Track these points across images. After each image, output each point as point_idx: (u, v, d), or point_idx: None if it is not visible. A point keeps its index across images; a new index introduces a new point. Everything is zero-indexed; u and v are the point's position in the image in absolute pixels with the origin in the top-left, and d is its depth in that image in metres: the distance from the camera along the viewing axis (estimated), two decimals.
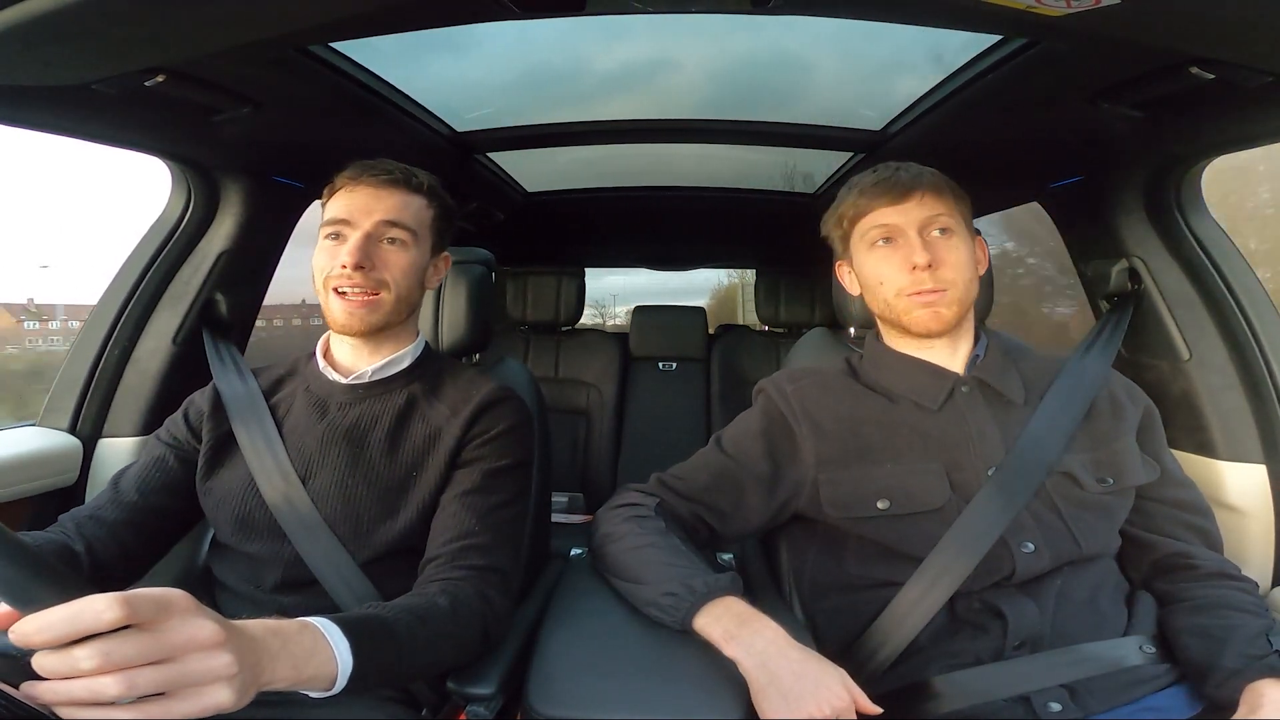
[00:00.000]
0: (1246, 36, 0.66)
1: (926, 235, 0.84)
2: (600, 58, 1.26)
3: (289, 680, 0.52)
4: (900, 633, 0.77)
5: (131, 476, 0.87)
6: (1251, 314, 1.05)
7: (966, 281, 0.85)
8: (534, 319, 2.36)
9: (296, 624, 0.56)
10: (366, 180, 0.87)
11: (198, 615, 0.45)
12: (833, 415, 0.88)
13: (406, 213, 0.87)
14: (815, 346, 1.22)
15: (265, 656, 0.50)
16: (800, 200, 1.94)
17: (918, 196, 0.84)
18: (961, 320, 0.87)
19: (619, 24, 1.13)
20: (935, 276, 0.83)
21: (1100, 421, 0.85)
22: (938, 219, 0.84)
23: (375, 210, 0.85)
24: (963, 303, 0.85)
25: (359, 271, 0.82)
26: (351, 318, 0.84)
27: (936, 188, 0.85)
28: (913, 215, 0.84)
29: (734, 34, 1.20)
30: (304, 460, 0.86)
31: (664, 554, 0.79)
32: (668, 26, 1.17)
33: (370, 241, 0.84)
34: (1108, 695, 0.72)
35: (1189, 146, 1.00)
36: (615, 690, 0.67)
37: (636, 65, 1.31)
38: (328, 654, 0.56)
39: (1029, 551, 0.77)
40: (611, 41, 1.21)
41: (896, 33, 0.93)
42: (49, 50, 0.69)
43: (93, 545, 0.78)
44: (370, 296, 0.84)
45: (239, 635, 0.48)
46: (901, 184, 0.84)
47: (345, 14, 0.72)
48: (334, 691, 0.57)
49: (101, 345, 1.18)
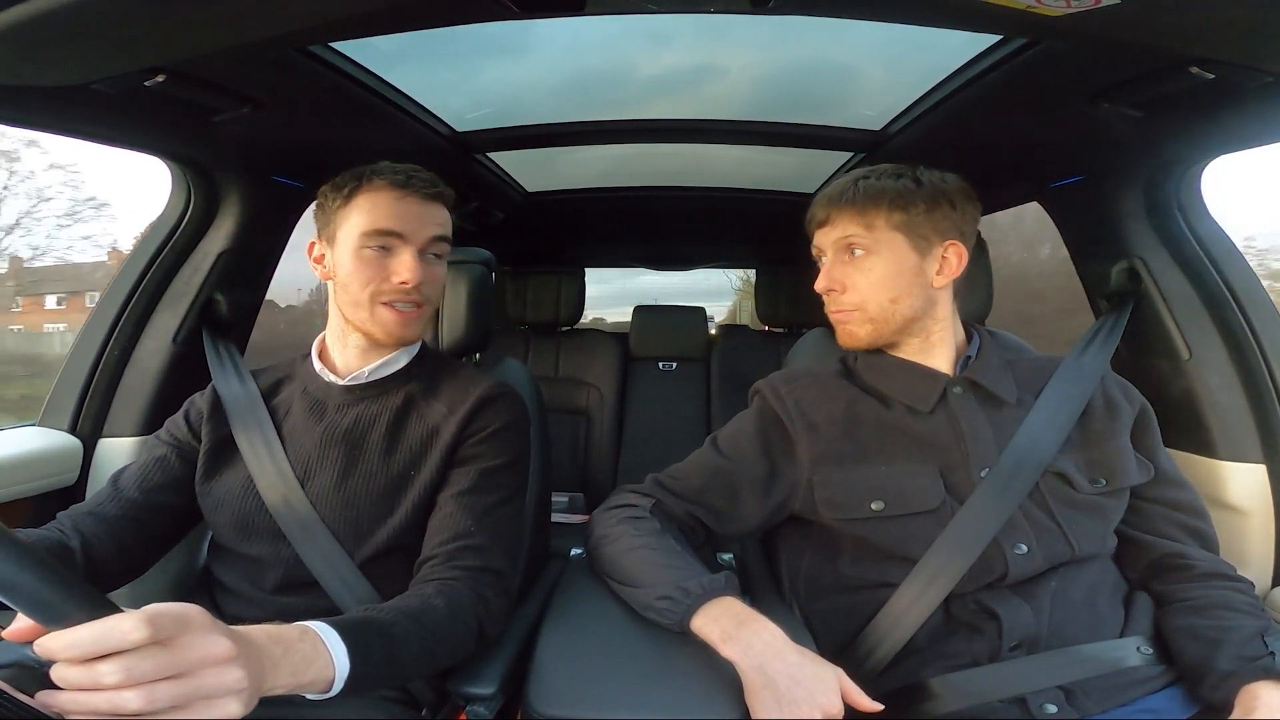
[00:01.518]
0: (1246, 36, 0.66)
1: (842, 256, 0.88)
2: (601, 57, 1.26)
3: (288, 687, 0.53)
4: (896, 634, 0.77)
5: (132, 474, 0.87)
6: (1251, 314, 1.05)
7: (883, 300, 0.86)
8: (534, 319, 2.36)
9: (297, 630, 0.57)
10: (415, 191, 0.86)
11: (213, 631, 0.47)
12: (827, 416, 0.88)
13: (448, 227, 0.90)
14: (815, 347, 1.22)
15: (268, 665, 0.51)
16: (800, 200, 1.94)
17: (835, 217, 0.88)
18: (888, 335, 0.88)
19: (619, 24, 1.13)
20: (839, 300, 0.88)
21: (1095, 421, 0.85)
22: (849, 239, 0.87)
23: (428, 226, 0.87)
24: (878, 321, 0.87)
25: (416, 290, 0.85)
26: (406, 329, 0.87)
27: (861, 203, 0.86)
28: (830, 237, 0.89)
29: (734, 34, 1.20)
30: (302, 462, 0.86)
31: (659, 555, 0.79)
32: (669, 27, 1.17)
33: (423, 258, 0.86)
34: (1104, 696, 0.72)
35: (1189, 146, 1.00)
36: (615, 690, 0.67)
37: (635, 66, 1.31)
38: (325, 659, 0.57)
39: (1021, 553, 0.77)
40: (612, 41, 1.21)
41: (897, 33, 0.93)
42: (49, 50, 0.69)
43: (89, 542, 0.78)
44: (419, 309, 0.87)
45: (246, 646, 0.49)
46: (831, 202, 0.88)
47: (345, 14, 0.72)
48: (331, 694, 0.57)
49: (102, 345, 1.18)
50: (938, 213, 0.85)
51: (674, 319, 2.51)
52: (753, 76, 1.35)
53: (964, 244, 0.87)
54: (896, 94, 1.23)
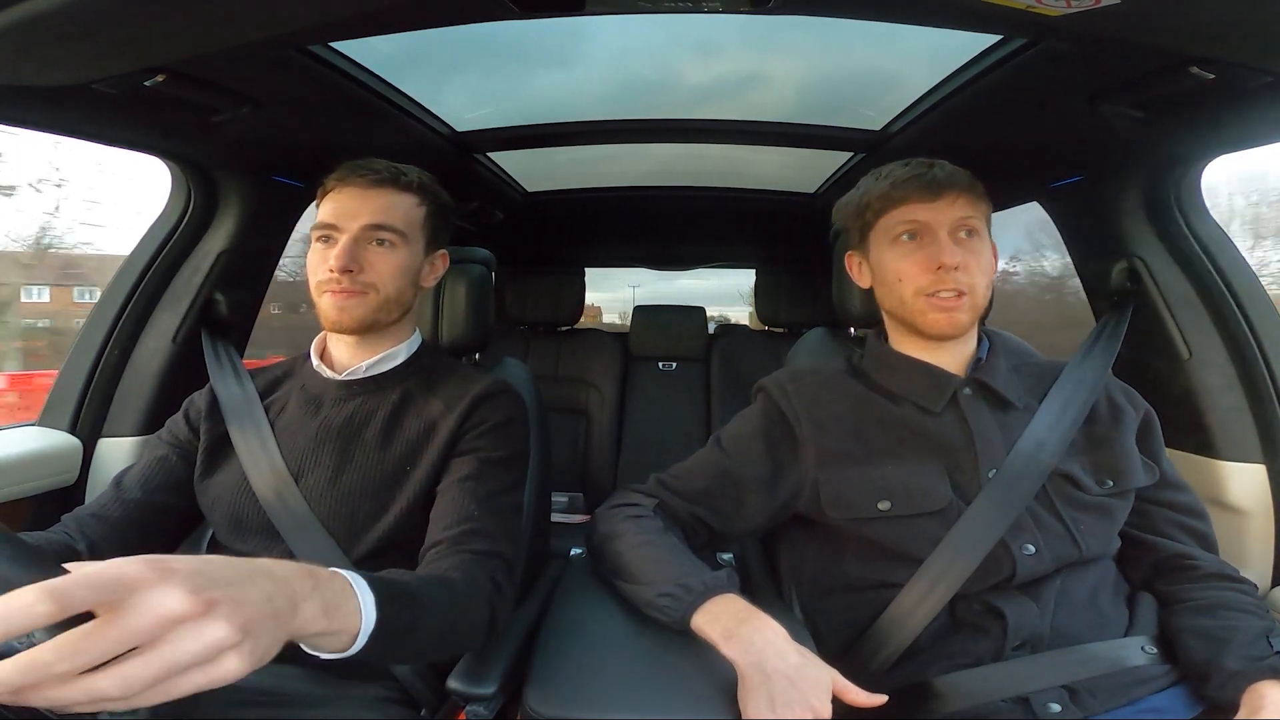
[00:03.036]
0: (1246, 36, 0.66)
1: (955, 236, 0.83)
2: (600, 57, 1.26)
3: (319, 626, 0.49)
4: (901, 634, 0.77)
5: (134, 475, 0.87)
6: (1251, 313, 1.05)
7: (985, 286, 0.85)
8: (534, 319, 2.36)
9: (327, 570, 0.53)
10: (353, 181, 0.86)
11: (163, 585, 0.39)
12: (834, 415, 0.87)
13: (395, 213, 0.87)
14: (815, 346, 1.22)
15: (298, 598, 0.47)
16: (800, 200, 1.94)
17: (951, 195, 0.83)
18: (974, 324, 0.87)
19: (618, 24, 1.13)
20: (958, 279, 0.82)
21: (1100, 425, 0.85)
22: (968, 220, 0.83)
23: (362, 213, 0.85)
24: (978, 308, 0.85)
25: (346, 275, 0.83)
26: (342, 312, 0.84)
27: (970, 188, 0.84)
28: (945, 214, 0.83)
29: (734, 34, 1.20)
30: (297, 458, 0.85)
31: (661, 553, 0.79)
32: (670, 27, 1.17)
33: (358, 245, 0.84)
34: (1107, 696, 0.72)
35: (1189, 146, 1.00)
36: (615, 690, 0.67)
37: (635, 65, 1.31)
38: (355, 605, 0.53)
39: (1029, 553, 0.77)
40: (611, 42, 1.21)
41: (896, 33, 0.93)
42: (49, 50, 0.69)
43: (95, 545, 0.78)
44: (358, 296, 0.85)
45: (238, 588, 0.43)
46: (937, 181, 0.83)
47: (345, 14, 0.72)
48: (351, 652, 0.53)
49: (102, 345, 1.18)
50: (989, 209, 0.88)
51: (674, 319, 2.51)
52: (753, 77, 1.36)
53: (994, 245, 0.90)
54: (896, 94, 1.23)
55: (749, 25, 1.13)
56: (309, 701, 0.75)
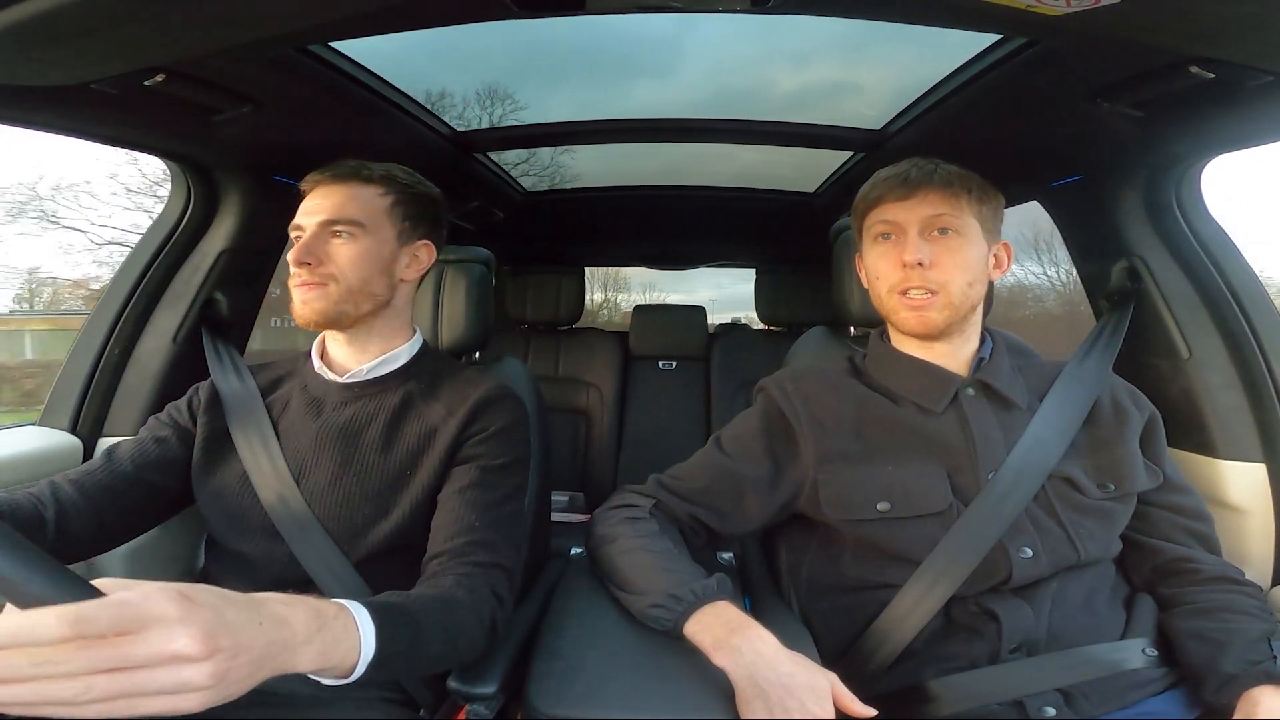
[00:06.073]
0: (1246, 36, 0.66)
1: (927, 234, 0.84)
2: (600, 57, 1.26)
3: (313, 666, 0.50)
4: (898, 636, 0.77)
5: (128, 448, 0.87)
6: (1251, 313, 1.05)
7: (964, 284, 0.83)
8: (534, 318, 2.36)
9: (334, 607, 0.55)
10: (320, 180, 0.90)
11: (181, 626, 0.40)
12: (835, 415, 0.87)
13: (353, 206, 0.88)
14: (816, 345, 1.22)
15: (297, 642, 0.48)
16: (800, 199, 1.94)
17: (922, 193, 0.84)
18: (955, 324, 0.86)
19: (618, 24, 1.13)
20: (925, 276, 0.82)
21: (1102, 426, 0.85)
22: (940, 218, 0.83)
23: (320, 210, 0.87)
24: (955, 306, 0.84)
25: (304, 268, 0.85)
26: (304, 305, 0.86)
27: (947, 185, 0.84)
28: (915, 212, 0.84)
29: (734, 34, 1.20)
30: (298, 459, 0.85)
31: (654, 559, 0.78)
32: (668, 26, 1.18)
33: (316, 240, 0.86)
34: (1103, 699, 0.72)
35: (1189, 146, 1.00)
36: (615, 690, 0.67)
37: (636, 65, 1.31)
38: (354, 642, 0.55)
39: (1027, 557, 0.77)
40: (611, 41, 1.21)
41: (896, 32, 0.93)
42: (49, 50, 0.69)
43: (66, 512, 0.76)
44: (319, 288, 0.86)
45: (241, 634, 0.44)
46: (909, 181, 0.84)
47: (345, 14, 0.72)
48: (350, 680, 0.55)
49: (102, 344, 1.18)
50: (999, 211, 0.88)
51: (674, 318, 2.51)
52: (753, 77, 1.36)
53: (1007, 245, 0.90)
54: (896, 94, 1.23)
55: (749, 25, 1.13)
56: (308, 701, 0.75)
